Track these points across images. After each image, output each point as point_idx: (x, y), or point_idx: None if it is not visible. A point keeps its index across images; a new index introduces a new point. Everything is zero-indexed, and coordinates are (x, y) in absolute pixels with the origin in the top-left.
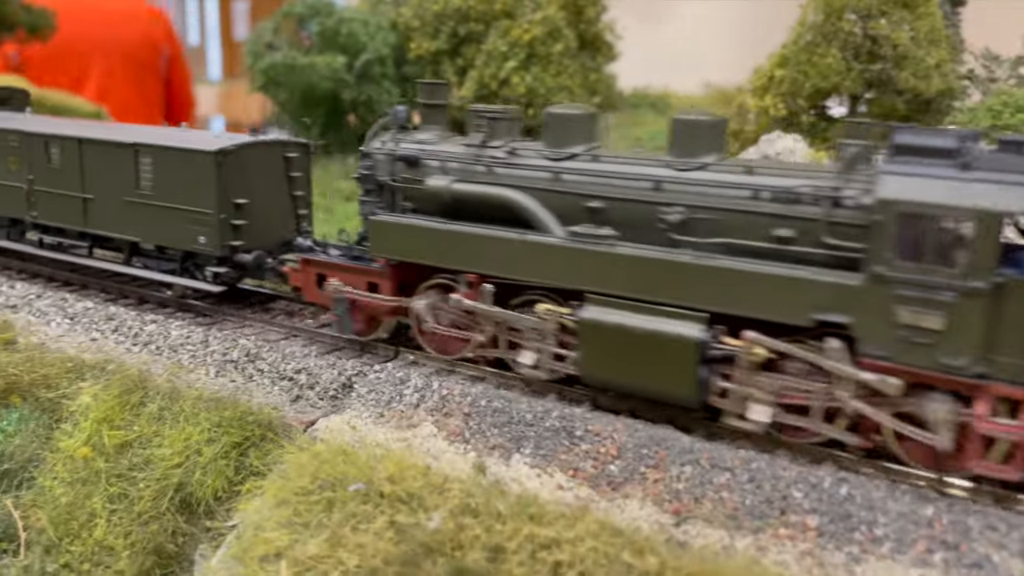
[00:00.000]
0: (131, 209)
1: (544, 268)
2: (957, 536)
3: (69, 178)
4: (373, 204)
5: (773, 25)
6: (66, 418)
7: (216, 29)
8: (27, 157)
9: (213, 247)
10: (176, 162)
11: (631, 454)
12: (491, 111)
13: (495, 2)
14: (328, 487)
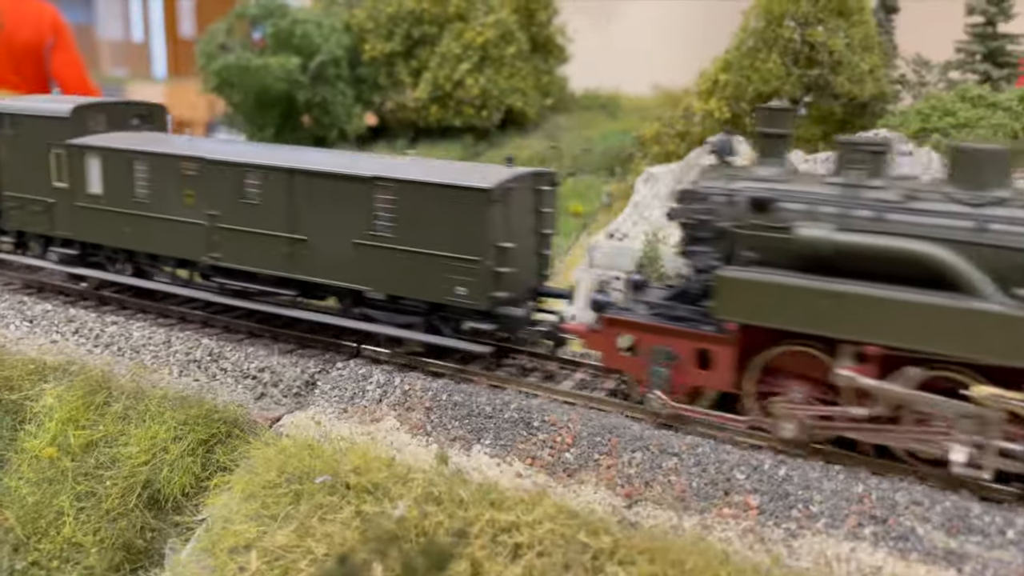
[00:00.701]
0: (361, 253)
1: (982, 340)
2: (885, 511)
3: (272, 216)
4: (707, 255)
5: (718, 29)
6: (30, 419)
7: (161, 25)
8: (210, 189)
9: (476, 299)
10: (432, 200)
11: (585, 442)
12: (864, 142)
13: (448, 5)
14: (295, 480)
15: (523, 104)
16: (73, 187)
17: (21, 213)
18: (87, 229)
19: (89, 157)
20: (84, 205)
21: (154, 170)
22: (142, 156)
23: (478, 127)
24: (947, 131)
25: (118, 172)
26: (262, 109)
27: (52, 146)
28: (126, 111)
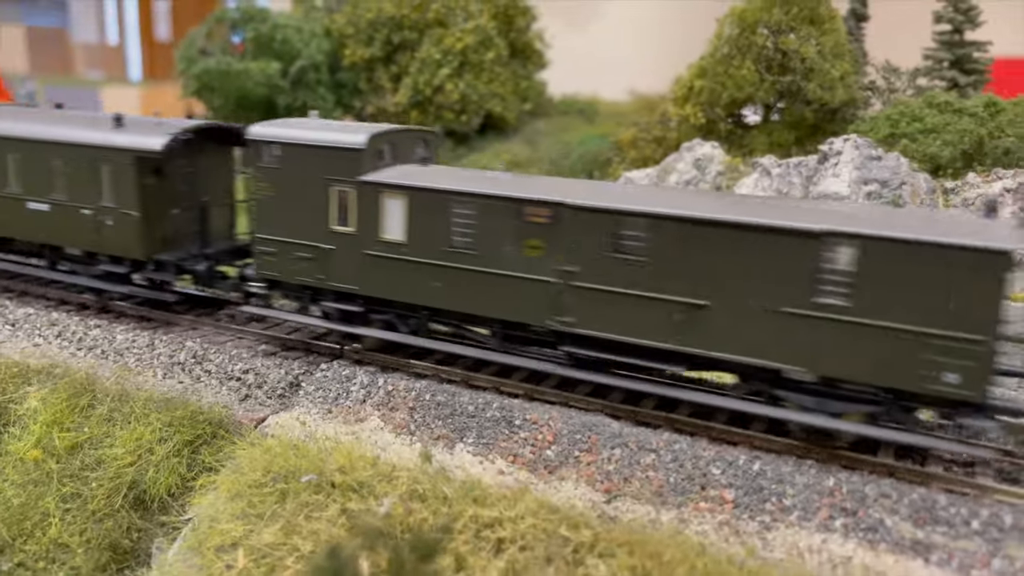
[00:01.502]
0: (791, 325)
1: None
2: (855, 503)
3: (659, 275)
4: None
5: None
6: (13, 422)
7: (136, 28)
8: (568, 240)
9: (971, 389)
10: (918, 262)
11: (566, 440)
12: None
13: (428, 11)
14: (281, 479)
15: (502, 109)
16: (362, 232)
17: (282, 260)
18: (379, 282)
19: (388, 197)
20: (377, 254)
21: (484, 216)
22: (468, 199)
23: (458, 131)
24: (915, 136)
25: (430, 216)
26: (242, 113)
27: (334, 182)
28: (410, 138)
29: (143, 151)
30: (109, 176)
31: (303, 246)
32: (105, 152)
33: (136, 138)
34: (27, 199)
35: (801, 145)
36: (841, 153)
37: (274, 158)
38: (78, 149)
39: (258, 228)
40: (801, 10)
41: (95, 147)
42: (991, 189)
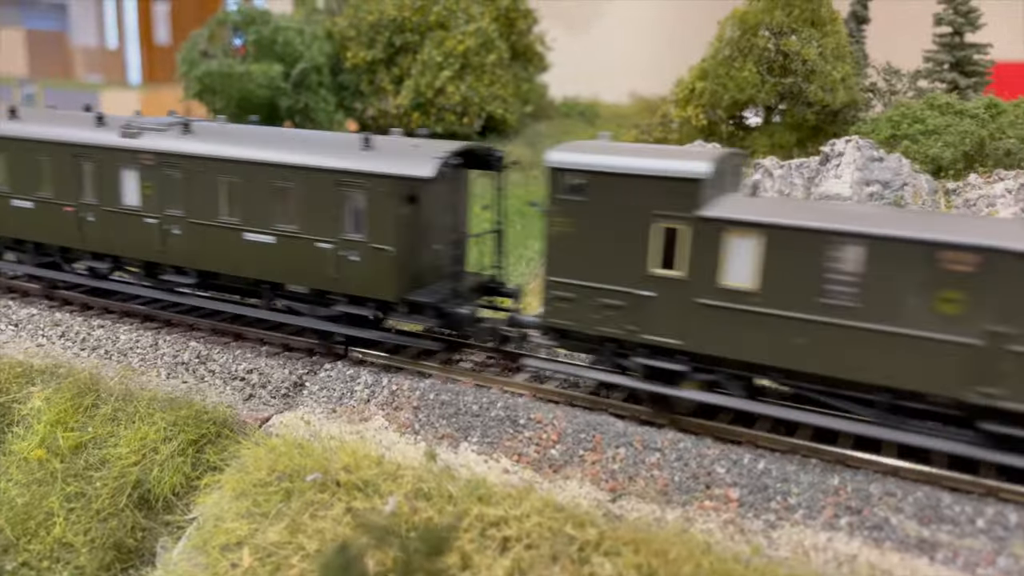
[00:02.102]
0: None
1: None
2: (860, 502)
3: None
4: None
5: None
6: (18, 421)
7: (135, 32)
8: (1004, 294)
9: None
10: None
11: (570, 439)
12: None
13: (429, 13)
14: (286, 478)
15: (504, 111)
16: (695, 278)
17: (580, 307)
18: (714, 337)
19: (735, 236)
20: (715, 304)
21: (877, 261)
22: (854, 240)
23: (459, 134)
24: (916, 138)
25: (795, 261)
26: (245, 115)
27: (659, 217)
28: (733, 163)
29: (405, 177)
30: (358, 205)
31: (611, 292)
32: (355, 178)
33: (395, 163)
34: (244, 229)
35: (802, 147)
36: (843, 154)
37: (577, 189)
38: (318, 174)
39: (552, 270)
40: (803, 12)
41: (340, 172)
42: (992, 190)
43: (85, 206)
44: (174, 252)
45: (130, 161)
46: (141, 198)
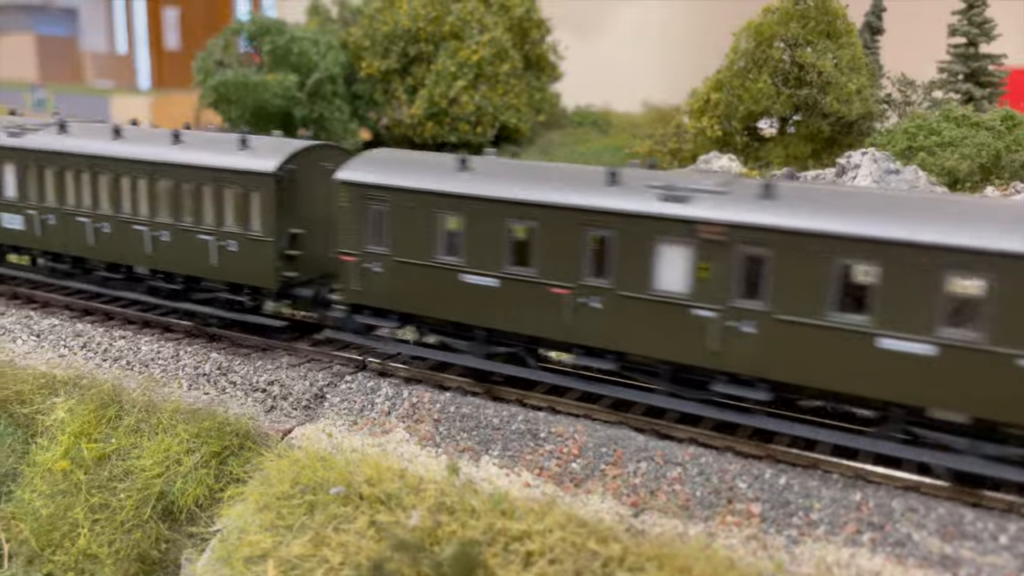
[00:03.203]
0: None
1: None
2: (882, 518)
3: None
4: None
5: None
6: (41, 432)
7: (145, 37)
8: None
9: None
10: None
11: (591, 453)
12: None
13: (443, 24)
14: (309, 491)
15: (517, 120)
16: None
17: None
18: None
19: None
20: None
21: None
22: None
23: (473, 143)
24: (932, 150)
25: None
26: (259, 124)
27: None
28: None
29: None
30: None
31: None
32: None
33: None
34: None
35: (817, 158)
36: (859, 166)
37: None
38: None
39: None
40: (818, 24)
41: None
42: None
43: None
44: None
45: None
46: None
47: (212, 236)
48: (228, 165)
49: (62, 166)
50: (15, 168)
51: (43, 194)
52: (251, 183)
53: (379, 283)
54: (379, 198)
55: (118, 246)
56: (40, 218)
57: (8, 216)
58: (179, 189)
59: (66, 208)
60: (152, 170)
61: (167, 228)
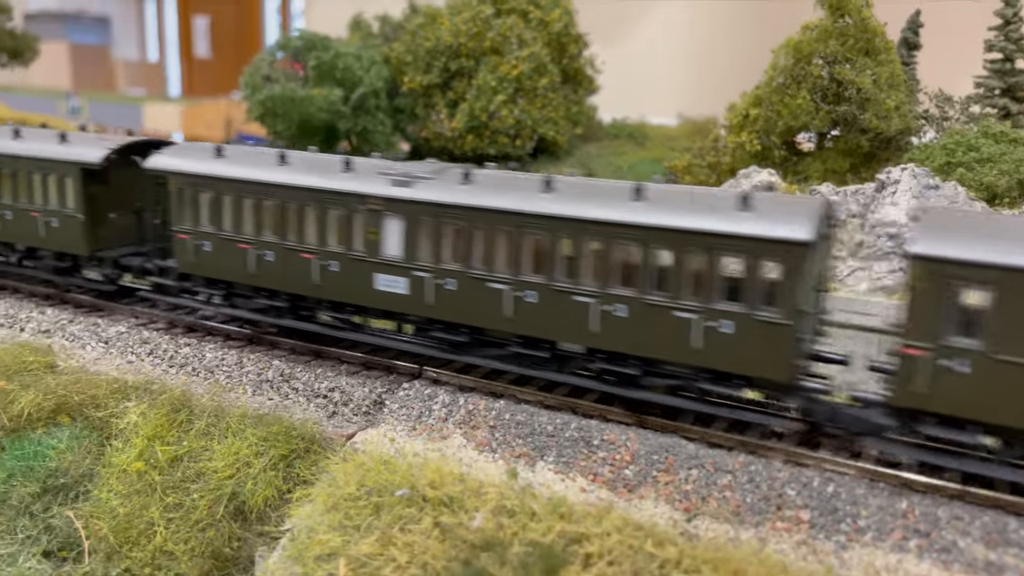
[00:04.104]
0: None
1: None
2: (928, 525)
3: None
4: None
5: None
6: (116, 435)
7: (176, 46)
8: None
9: None
10: None
11: (644, 460)
12: None
13: (484, 39)
14: (374, 493)
15: (555, 133)
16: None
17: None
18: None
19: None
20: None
21: None
22: None
23: (512, 155)
24: (971, 166)
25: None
26: (304, 136)
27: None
28: None
29: None
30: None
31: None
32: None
33: None
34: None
35: (856, 172)
36: (899, 182)
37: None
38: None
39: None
40: (857, 42)
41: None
42: None
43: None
44: None
45: None
46: None
47: None
48: None
49: None
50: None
51: None
52: None
53: None
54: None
55: None
56: None
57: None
58: None
59: None
60: None
61: None
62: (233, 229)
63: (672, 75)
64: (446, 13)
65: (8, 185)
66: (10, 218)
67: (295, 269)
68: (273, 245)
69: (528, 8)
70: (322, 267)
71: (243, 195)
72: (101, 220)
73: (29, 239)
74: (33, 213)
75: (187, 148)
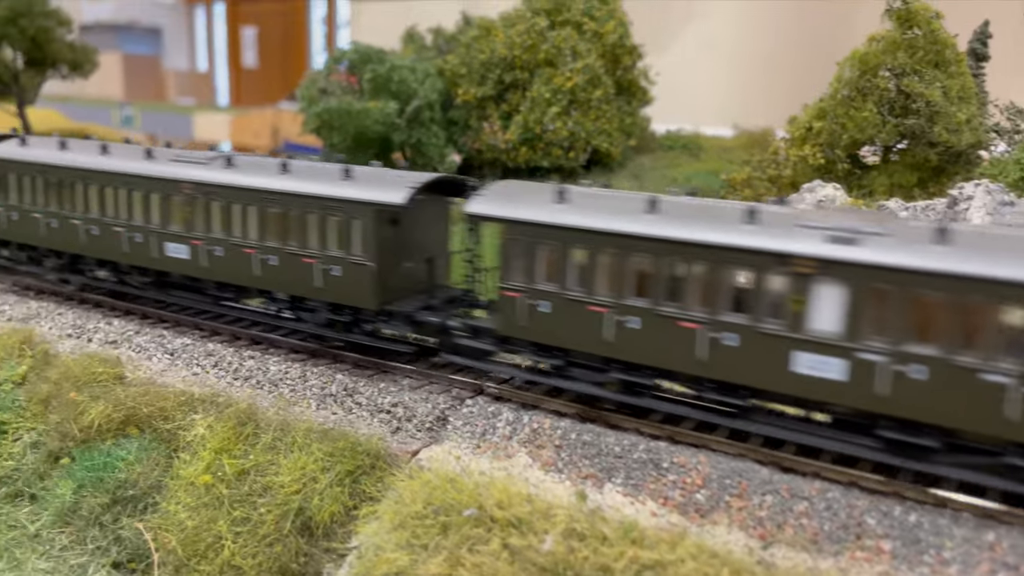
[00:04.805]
0: None
1: None
2: (1017, 558)
3: None
4: None
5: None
6: (183, 447)
7: (224, 56)
8: None
9: None
10: None
11: (715, 484)
12: None
13: (538, 52)
14: (441, 512)
15: (608, 145)
16: None
17: None
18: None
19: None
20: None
21: None
22: None
23: (565, 168)
24: None
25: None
26: (359, 148)
27: None
28: None
29: None
30: None
31: None
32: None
33: None
34: None
35: (923, 187)
36: (972, 198)
37: None
38: None
39: None
40: (926, 54)
41: None
42: None
43: None
44: None
45: None
46: None
47: None
48: None
49: None
50: None
51: None
52: None
53: None
54: None
55: None
56: None
57: None
58: None
59: None
60: None
61: None
62: (582, 288)
63: (723, 84)
64: (500, 25)
65: (276, 226)
66: (274, 263)
67: (672, 340)
68: (640, 310)
69: (583, 20)
70: (712, 340)
71: (601, 249)
72: (393, 269)
73: (298, 288)
74: (306, 259)
75: (512, 190)
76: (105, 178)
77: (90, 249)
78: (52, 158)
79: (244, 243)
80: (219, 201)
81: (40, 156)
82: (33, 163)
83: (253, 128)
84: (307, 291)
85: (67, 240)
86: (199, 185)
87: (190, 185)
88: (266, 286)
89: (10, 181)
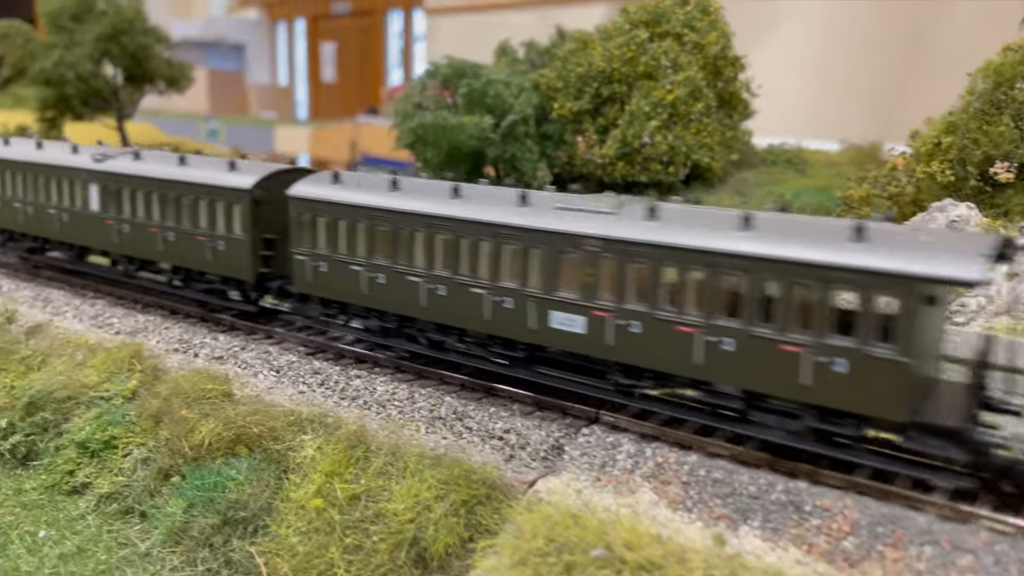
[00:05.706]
0: None
1: None
2: None
3: None
4: None
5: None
6: (293, 469)
7: (304, 71)
8: None
9: None
10: None
11: (865, 531)
12: None
13: (638, 64)
14: (565, 550)
15: (710, 159)
16: None
17: None
18: None
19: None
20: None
21: None
22: None
23: (664, 183)
24: None
25: None
26: (452, 163)
27: None
28: None
29: None
30: None
31: None
32: None
33: None
34: None
35: None
36: None
37: None
38: None
39: None
40: None
41: None
42: None
43: None
44: None
45: None
46: None
47: None
48: None
49: None
50: None
51: None
52: None
53: None
54: None
55: None
56: None
57: None
58: None
59: None
60: None
61: None
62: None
63: (816, 94)
64: (598, 38)
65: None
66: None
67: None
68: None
69: (683, 31)
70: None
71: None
72: None
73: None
74: None
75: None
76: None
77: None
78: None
79: None
80: None
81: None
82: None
83: (332, 142)
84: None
85: (403, 301)
86: None
87: None
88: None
89: (324, 225)
